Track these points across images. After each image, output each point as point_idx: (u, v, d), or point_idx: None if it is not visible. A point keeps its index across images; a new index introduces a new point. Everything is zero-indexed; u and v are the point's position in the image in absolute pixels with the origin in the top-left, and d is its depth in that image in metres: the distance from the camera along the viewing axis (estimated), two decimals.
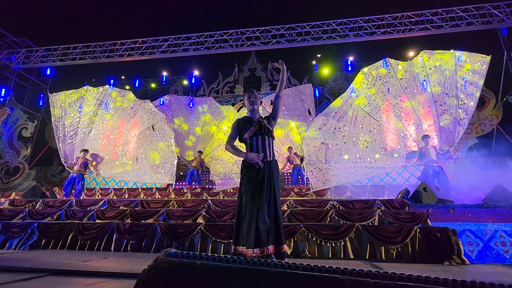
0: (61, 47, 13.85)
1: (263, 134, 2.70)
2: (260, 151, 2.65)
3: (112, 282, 2.05)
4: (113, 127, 9.42)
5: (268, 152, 2.67)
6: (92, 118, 9.29)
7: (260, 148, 2.66)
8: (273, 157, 2.70)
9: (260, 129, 2.71)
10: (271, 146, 2.71)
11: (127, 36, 13.52)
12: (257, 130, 2.71)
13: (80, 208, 5.86)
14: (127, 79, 17.99)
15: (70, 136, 9.12)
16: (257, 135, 2.70)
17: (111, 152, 9.33)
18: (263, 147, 2.67)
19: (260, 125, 2.73)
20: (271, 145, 2.72)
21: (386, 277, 0.67)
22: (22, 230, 4.65)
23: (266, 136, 2.70)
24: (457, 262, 3.39)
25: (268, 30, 12.64)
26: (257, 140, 2.69)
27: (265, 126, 2.73)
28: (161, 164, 8.72)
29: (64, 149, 8.97)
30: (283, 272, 0.66)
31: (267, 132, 2.72)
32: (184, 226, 4.35)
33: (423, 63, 7.72)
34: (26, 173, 13.52)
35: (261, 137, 2.69)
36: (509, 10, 10.68)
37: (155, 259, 0.73)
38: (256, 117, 2.79)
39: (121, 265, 2.87)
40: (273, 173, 2.61)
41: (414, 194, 5.69)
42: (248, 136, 2.71)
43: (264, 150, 2.66)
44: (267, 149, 2.67)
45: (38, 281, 2.05)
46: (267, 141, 2.70)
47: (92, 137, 9.19)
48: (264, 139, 2.69)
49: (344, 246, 3.83)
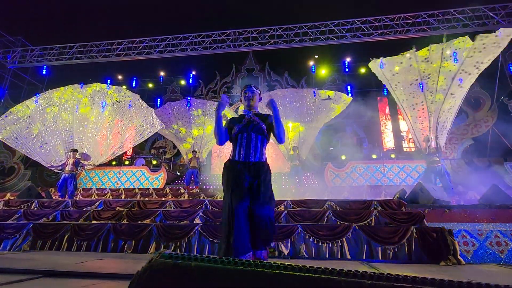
0: (57, 47, 13.77)
1: (250, 131, 2.38)
2: (243, 150, 2.33)
3: (108, 283, 2.04)
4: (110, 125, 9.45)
5: (253, 152, 2.34)
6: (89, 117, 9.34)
7: (244, 146, 2.34)
8: (260, 158, 2.36)
9: (248, 126, 2.41)
10: (258, 146, 2.37)
11: (124, 35, 13.49)
12: (244, 127, 2.41)
13: (76, 208, 5.82)
14: (124, 79, 17.92)
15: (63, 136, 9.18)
16: (243, 132, 2.39)
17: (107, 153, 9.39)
18: (248, 145, 2.35)
19: (249, 121, 2.44)
20: (258, 144, 2.38)
21: (382, 278, 0.67)
22: (17, 231, 4.60)
23: (254, 133, 2.38)
24: (453, 262, 3.40)
25: (265, 31, 12.65)
26: (242, 137, 2.39)
27: (256, 122, 2.42)
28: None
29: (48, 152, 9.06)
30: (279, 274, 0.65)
31: (256, 129, 2.40)
32: (181, 226, 4.33)
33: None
34: (22, 173, 13.41)
35: (247, 134, 2.38)
36: (504, 12, 10.79)
37: (149, 261, 0.72)
38: (250, 114, 2.50)
39: (117, 266, 2.85)
40: (259, 176, 2.26)
41: (410, 195, 5.71)
42: (234, 133, 2.43)
43: (248, 148, 2.33)
44: (252, 148, 2.34)
45: (33, 283, 2.03)
46: (254, 140, 2.37)
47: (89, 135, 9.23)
48: (250, 136, 2.37)
49: (341, 246, 3.84)
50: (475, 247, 3.99)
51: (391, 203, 5.01)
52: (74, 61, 13.69)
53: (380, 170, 11.31)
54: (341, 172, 11.46)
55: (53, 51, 13.75)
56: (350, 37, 11.99)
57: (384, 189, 9.70)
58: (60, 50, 13.73)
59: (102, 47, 13.44)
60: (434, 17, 11.32)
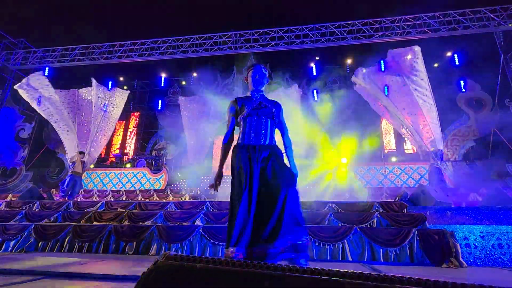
0: (59, 48, 13.82)
1: (260, 114, 2.28)
2: (253, 133, 2.23)
3: (110, 285, 2.04)
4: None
5: (263, 135, 2.24)
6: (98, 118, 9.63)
7: (253, 129, 2.24)
8: (270, 141, 2.27)
9: (259, 109, 2.30)
10: (268, 129, 2.27)
11: (125, 37, 13.54)
12: (253, 110, 2.29)
13: (77, 210, 5.83)
14: (125, 81, 17.95)
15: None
16: (252, 115, 2.28)
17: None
18: (257, 128, 2.25)
19: (259, 104, 2.32)
20: (268, 128, 2.28)
21: (385, 280, 0.67)
22: (18, 232, 4.61)
23: (264, 117, 2.28)
24: (455, 264, 3.39)
25: (266, 33, 12.68)
26: (251, 120, 2.27)
27: (265, 106, 2.31)
28: None
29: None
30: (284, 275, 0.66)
31: (266, 112, 2.29)
32: (182, 228, 4.33)
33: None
34: (23, 174, 13.43)
35: (257, 117, 2.27)
36: (505, 14, 10.78)
37: (154, 262, 0.73)
38: (258, 96, 2.38)
39: (119, 268, 2.85)
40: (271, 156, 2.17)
41: (412, 197, 5.71)
42: (243, 116, 2.29)
43: (258, 132, 2.24)
44: (261, 132, 2.24)
45: (35, 284, 2.03)
46: (264, 123, 2.27)
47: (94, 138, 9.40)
48: (260, 119, 2.27)
49: (342, 248, 3.83)
50: (477, 250, 3.98)
51: (392, 205, 5.01)
52: (76, 63, 13.75)
53: (381, 172, 11.29)
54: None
55: (55, 53, 13.82)
56: (351, 39, 12.00)
57: (385, 191, 9.69)
58: (62, 52, 13.79)
59: (104, 49, 13.49)
60: (435, 18, 11.32)
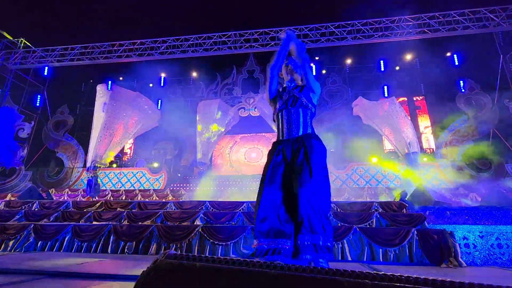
0: (58, 48, 13.81)
1: (289, 107, 2.23)
2: (285, 128, 2.19)
3: (109, 284, 2.04)
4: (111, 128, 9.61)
5: (295, 128, 2.17)
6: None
7: (285, 124, 2.20)
8: (304, 131, 2.18)
9: (288, 101, 2.26)
10: (300, 120, 2.19)
11: (125, 37, 13.53)
12: (284, 103, 2.27)
13: (76, 209, 5.83)
14: (125, 80, 17.94)
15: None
16: (283, 109, 2.26)
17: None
18: (289, 122, 2.20)
19: (289, 96, 2.28)
20: (300, 118, 2.20)
21: (384, 279, 0.68)
22: (18, 231, 4.60)
23: (293, 109, 2.22)
24: (454, 264, 3.40)
25: (266, 33, 12.69)
26: (282, 115, 2.25)
27: (295, 96, 2.25)
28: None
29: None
30: (283, 274, 0.66)
31: (296, 103, 2.23)
32: (181, 228, 4.33)
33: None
34: (23, 174, 13.42)
35: (287, 111, 2.23)
36: (505, 14, 10.81)
37: (154, 261, 0.73)
38: (291, 88, 2.34)
39: (118, 267, 2.85)
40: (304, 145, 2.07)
41: (411, 197, 5.72)
42: (275, 112, 2.31)
43: (289, 125, 2.18)
44: (293, 125, 2.18)
45: (35, 284, 2.03)
46: (295, 115, 2.21)
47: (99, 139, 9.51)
48: (290, 112, 2.22)
49: (342, 248, 3.83)
50: (476, 249, 3.98)
51: (392, 205, 5.01)
52: (76, 62, 13.74)
53: (381, 172, 11.31)
54: (342, 174, 11.46)
55: (54, 52, 13.80)
56: (351, 38, 12.01)
57: (384, 191, 9.70)
58: (62, 51, 13.78)
59: (103, 49, 13.49)
60: (434, 19, 11.33)
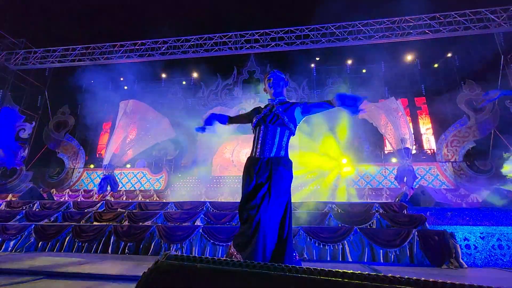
0: (59, 48, 13.83)
1: (268, 123, 2.14)
2: (259, 145, 2.13)
3: (110, 285, 2.04)
4: None
5: (269, 146, 2.10)
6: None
7: (260, 140, 2.14)
8: (276, 153, 2.09)
9: (267, 117, 2.17)
10: (276, 139, 2.11)
11: (126, 38, 13.54)
12: (262, 118, 2.19)
13: (77, 210, 5.83)
14: (125, 81, 17.97)
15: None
16: (261, 124, 2.18)
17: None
18: (264, 139, 2.13)
19: (270, 111, 2.20)
20: (276, 137, 2.12)
21: (385, 280, 0.68)
22: (18, 232, 4.61)
23: (272, 126, 2.13)
24: (455, 265, 3.39)
25: (267, 33, 12.69)
26: (259, 131, 2.18)
27: (277, 112, 2.16)
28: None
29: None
30: (284, 275, 0.66)
31: (276, 120, 2.14)
32: (182, 228, 4.33)
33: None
34: (23, 174, 13.44)
35: (264, 126, 2.15)
36: (506, 15, 10.79)
37: (155, 262, 0.73)
38: (274, 103, 2.26)
39: (119, 268, 2.85)
40: (272, 173, 2.01)
41: (412, 197, 5.71)
42: (252, 126, 2.26)
43: (264, 143, 2.11)
44: (267, 142, 2.11)
45: (35, 284, 2.03)
46: (272, 132, 2.12)
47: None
48: (267, 129, 2.13)
49: (342, 249, 3.83)
50: (477, 251, 3.97)
51: (392, 206, 5.01)
52: (77, 63, 13.76)
53: (381, 173, 11.30)
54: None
55: (55, 53, 13.83)
56: (352, 39, 12.00)
57: (385, 192, 9.69)
58: (63, 52, 13.80)
59: (104, 49, 13.51)
60: (435, 19, 11.33)
